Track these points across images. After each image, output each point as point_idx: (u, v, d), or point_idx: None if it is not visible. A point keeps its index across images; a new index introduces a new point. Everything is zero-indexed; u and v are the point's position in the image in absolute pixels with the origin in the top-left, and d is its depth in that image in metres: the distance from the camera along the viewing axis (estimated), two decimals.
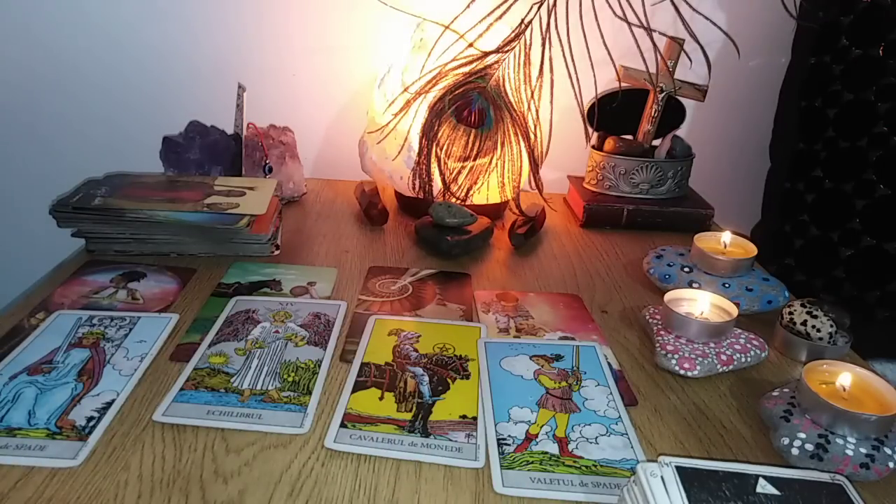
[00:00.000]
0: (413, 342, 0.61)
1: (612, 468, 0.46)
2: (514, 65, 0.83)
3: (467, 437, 0.48)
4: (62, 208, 0.73)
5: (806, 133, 0.96)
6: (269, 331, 0.61)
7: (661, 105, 0.95)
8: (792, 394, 0.52)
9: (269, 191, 0.82)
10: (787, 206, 0.99)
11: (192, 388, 0.52)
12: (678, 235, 0.91)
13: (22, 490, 0.42)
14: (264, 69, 1.05)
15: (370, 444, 0.47)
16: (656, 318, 0.64)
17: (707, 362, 0.58)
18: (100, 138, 1.09)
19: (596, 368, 0.58)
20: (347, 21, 1.03)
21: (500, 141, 0.85)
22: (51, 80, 1.05)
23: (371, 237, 0.87)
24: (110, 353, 0.56)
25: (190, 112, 0.93)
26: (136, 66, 1.05)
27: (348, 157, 1.01)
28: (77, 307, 0.64)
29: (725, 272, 0.71)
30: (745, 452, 0.49)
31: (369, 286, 0.72)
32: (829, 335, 0.61)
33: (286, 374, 0.55)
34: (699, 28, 0.81)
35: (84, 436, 0.46)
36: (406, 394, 0.53)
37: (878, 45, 0.87)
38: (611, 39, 0.80)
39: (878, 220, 0.89)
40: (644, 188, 0.95)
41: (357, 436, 0.48)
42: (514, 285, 0.75)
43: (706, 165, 1.03)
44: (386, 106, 0.86)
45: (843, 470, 0.45)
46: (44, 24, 1.02)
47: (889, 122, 0.87)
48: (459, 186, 0.86)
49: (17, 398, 0.50)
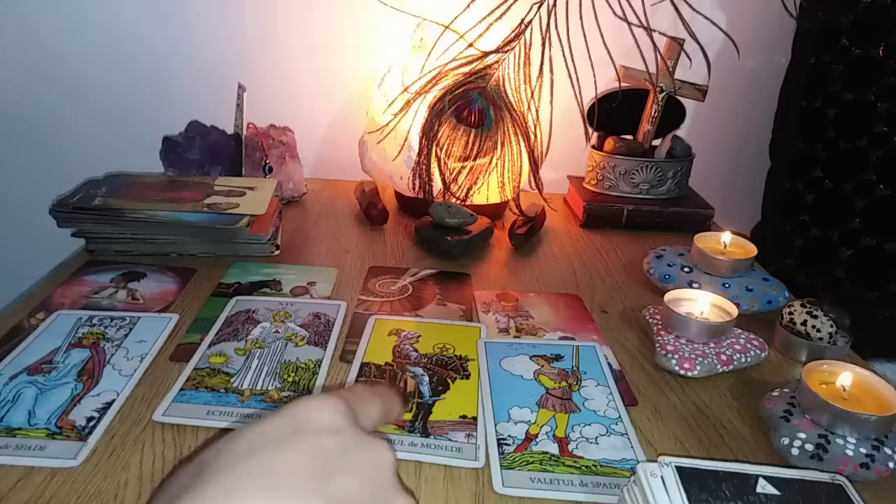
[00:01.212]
0: (413, 342, 0.61)
1: (612, 468, 0.46)
2: (514, 65, 0.83)
3: (467, 437, 0.48)
4: (62, 208, 0.73)
5: (806, 133, 0.96)
6: (269, 331, 0.61)
7: (661, 105, 0.95)
8: (792, 394, 0.52)
9: (269, 191, 0.82)
10: (787, 206, 0.99)
11: (192, 388, 0.52)
12: (678, 235, 0.91)
13: (22, 490, 0.42)
14: (264, 69, 1.05)
15: None
16: (656, 318, 0.64)
17: (707, 362, 0.58)
18: (100, 138, 1.09)
19: (596, 368, 0.58)
20: (347, 21, 1.03)
21: (500, 141, 0.85)
22: (51, 79, 1.05)
23: (371, 237, 0.87)
24: (110, 353, 0.56)
25: (190, 112, 0.93)
26: (137, 66, 1.05)
27: (348, 157, 1.01)
28: (77, 307, 0.64)
29: (725, 272, 0.71)
30: (745, 452, 0.49)
31: (369, 286, 0.72)
32: (829, 335, 0.61)
33: (286, 375, 0.55)
34: (699, 28, 0.81)
35: (84, 436, 0.46)
36: (406, 394, 0.53)
37: (878, 45, 0.87)
38: (611, 39, 0.80)
39: (878, 220, 0.89)
40: (644, 188, 0.95)
41: None
42: (514, 285, 0.75)
43: (706, 165, 1.03)
44: (386, 106, 0.86)
45: (843, 470, 0.45)
46: (44, 25, 1.02)
47: (889, 122, 0.87)
48: (459, 186, 0.86)
49: (17, 398, 0.50)
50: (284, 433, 0.30)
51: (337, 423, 0.31)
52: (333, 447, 0.30)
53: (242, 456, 0.28)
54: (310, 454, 0.29)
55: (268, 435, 0.29)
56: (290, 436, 0.29)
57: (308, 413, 0.31)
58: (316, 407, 0.31)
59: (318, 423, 0.30)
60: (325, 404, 0.31)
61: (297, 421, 0.30)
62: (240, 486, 0.26)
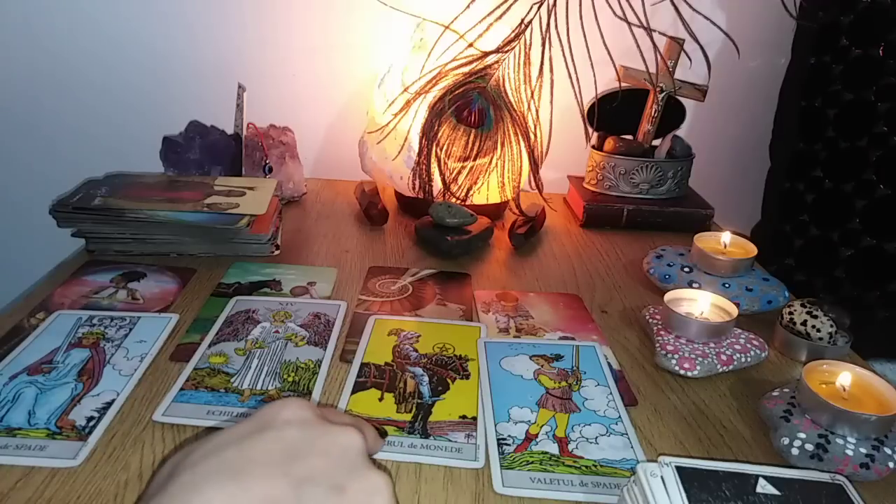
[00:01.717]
0: (413, 342, 0.61)
1: (612, 468, 0.46)
2: (514, 65, 0.83)
3: (467, 438, 0.48)
4: (62, 208, 0.73)
5: (806, 133, 0.96)
6: (268, 331, 0.61)
7: (661, 105, 0.95)
8: (792, 394, 0.52)
9: (269, 191, 0.82)
10: (787, 206, 0.99)
11: (192, 387, 0.52)
12: (678, 235, 0.91)
13: (22, 490, 0.42)
14: (264, 69, 1.05)
15: None
16: (656, 318, 0.64)
17: (707, 362, 0.58)
18: (100, 138, 1.09)
19: (596, 368, 0.58)
20: (347, 21, 1.03)
21: (500, 141, 0.85)
22: (51, 79, 1.05)
23: (371, 237, 0.87)
24: (110, 353, 0.56)
25: (190, 112, 0.93)
26: (137, 66, 1.05)
27: (348, 157, 1.01)
28: (77, 307, 0.64)
29: (725, 272, 0.71)
30: (745, 452, 0.49)
31: (369, 286, 0.72)
32: (829, 335, 0.61)
33: (286, 374, 0.55)
34: (699, 28, 0.81)
35: (84, 436, 0.46)
36: (406, 394, 0.53)
37: (878, 45, 0.87)
38: (611, 39, 0.80)
39: (878, 220, 0.89)
40: (644, 188, 0.95)
41: None
42: (514, 285, 0.75)
43: (706, 165, 1.03)
44: (386, 106, 0.86)
45: (843, 470, 0.45)
46: (44, 24, 1.02)
47: (889, 122, 0.87)
48: (459, 186, 0.86)
49: (17, 398, 0.50)
50: (251, 431, 0.31)
51: (302, 416, 0.32)
52: (298, 436, 0.31)
53: (210, 453, 0.29)
54: (274, 443, 0.30)
55: (235, 434, 0.31)
56: (255, 432, 0.31)
57: (273, 411, 0.32)
58: (280, 404, 0.33)
59: (284, 418, 0.32)
60: (290, 401, 0.33)
61: (263, 420, 0.32)
62: (206, 480, 0.28)
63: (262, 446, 0.29)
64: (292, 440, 0.30)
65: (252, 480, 0.28)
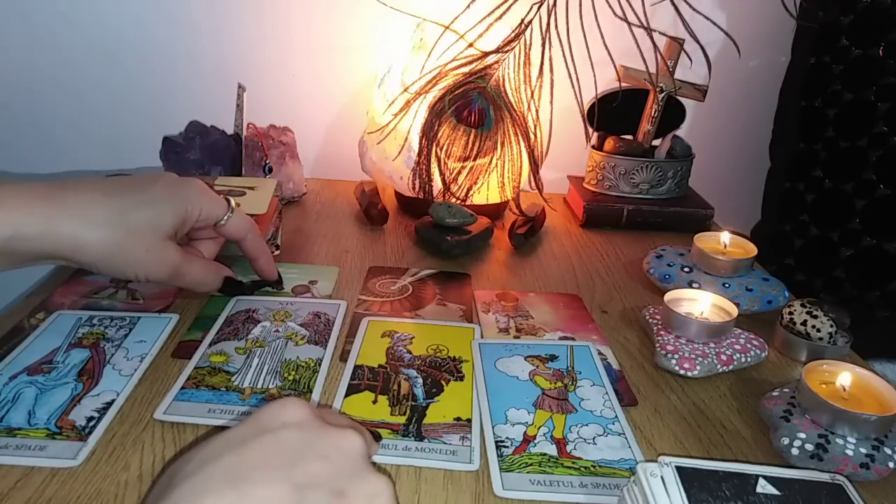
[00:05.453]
0: (406, 344, 0.61)
1: (611, 468, 0.46)
2: (514, 65, 0.83)
3: (462, 440, 0.48)
4: None
5: (806, 133, 0.96)
6: (269, 330, 0.61)
7: (661, 105, 0.95)
8: (792, 394, 0.52)
9: (269, 191, 0.82)
10: (787, 206, 0.99)
11: (192, 386, 0.52)
12: (678, 235, 0.91)
13: (22, 490, 0.42)
14: (264, 69, 1.05)
15: None
16: (656, 318, 0.64)
17: (707, 362, 0.58)
18: (100, 138, 1.09)
19: (591, 368, 0.58)
20: (347, 21, 1.03)
21: (500, 141, 0.85)
22: (51, 79, 1.05)
23: (371, 237, 0.87)
24: (110, 353, 0.56)
25: (190, 112, 0.93)
26: (137, 66, 1.05)
27: (348, 157, 1.01)
28: (77, 307, 0.64)
29: (725, 272, 0.71)
30: (745, 452, 0.50)
31: (369, 286, 0.72)
32: (829, 335, 0.61)
33: (287, 373, 0.55)
34: (699, 28, 0.81)
35: (84, 436, 0.46)
36: (400, 397, 0.53)
37: (878, 45, 0.87)
38: (611, 39, 0.80)
39: (878, 220, 0.89)
40: (644, 188, 0.95)
41: None
42: (514, 285, 0.75)
43: (706, 165, 1.03)
44: (386, 106, 0.86)
45: (843, 470, 0.45)
46: (44, 24, 1.02)
47: (889, 122, 0.87)
48: (459, 186, 0.86)
49: (17, 398, 0.50)
50: (249, 435, 0.31)
51: (300, 417, 0.32)
52: (297, 438, 0.30)
53: (208, 460, 0.29)
54: (274, 447, 0.30)
55: (233, 439, 0.30)
56: (254, 436, 0.30)
57: (271, 414, 0.32)
58: (278, 406, 0.32)
59: (282, 420, 0.31)
60: (287, 403, 0.32)
61: (261, 423, 0.31)
62: (206, 487, 0.27)
63: (260, 451, 0.29)
64: (291, 444, 0.30)
65: (252, 487, 0.27)
